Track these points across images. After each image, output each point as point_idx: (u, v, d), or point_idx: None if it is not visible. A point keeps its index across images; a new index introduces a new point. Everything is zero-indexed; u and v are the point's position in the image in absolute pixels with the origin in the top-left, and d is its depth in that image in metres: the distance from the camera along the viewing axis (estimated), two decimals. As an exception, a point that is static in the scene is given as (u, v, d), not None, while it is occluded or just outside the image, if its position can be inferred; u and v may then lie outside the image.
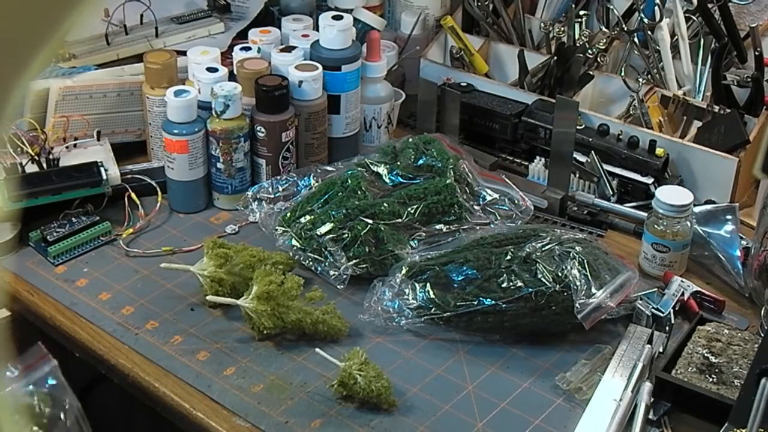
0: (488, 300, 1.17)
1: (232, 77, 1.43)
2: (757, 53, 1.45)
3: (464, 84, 1.58)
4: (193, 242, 1.35)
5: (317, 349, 1.13)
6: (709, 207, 1.34)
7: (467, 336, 1.20)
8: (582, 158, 1.45)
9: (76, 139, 1.44)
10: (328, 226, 1.28)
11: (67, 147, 1.43)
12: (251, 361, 1.16)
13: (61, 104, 1.44)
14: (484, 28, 1.68)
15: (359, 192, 1.32)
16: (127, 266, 1.32)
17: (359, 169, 1.36)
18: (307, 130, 1.44)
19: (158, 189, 1.41)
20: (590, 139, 1.46)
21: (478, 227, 1.33)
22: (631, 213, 1.41)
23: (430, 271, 1.22)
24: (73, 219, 1.36)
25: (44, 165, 1.39)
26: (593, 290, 1.17)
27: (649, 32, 1.53)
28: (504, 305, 1.17)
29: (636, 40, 1.54)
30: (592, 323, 1.16)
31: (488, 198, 1.37)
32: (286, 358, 1.16)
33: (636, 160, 1.43)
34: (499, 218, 1.36)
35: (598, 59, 1.57)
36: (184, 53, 1.48)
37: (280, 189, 1.39)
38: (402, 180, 1.36)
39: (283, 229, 1.31)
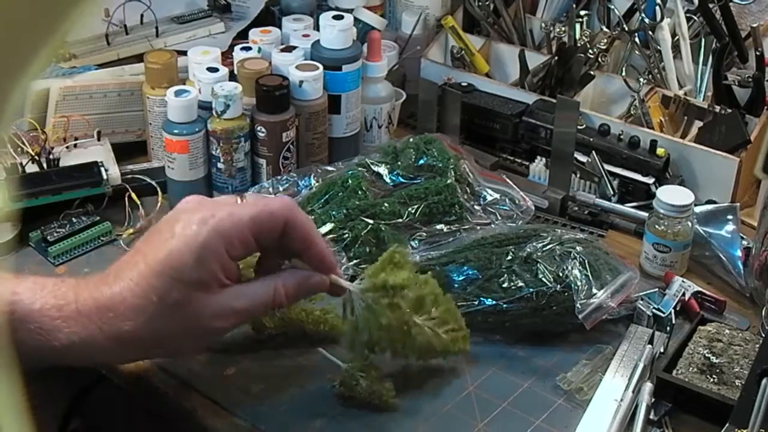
0: (489, 300, 1.17)
1: (232, 77, 1.42)
2: (758, 53, 1.45)
3: (465, 84, 1.57)
4: (193, 242, 1.35)
5: (320, 349, 1.13)
6: (710, 207, 1.34)
7: (468, 336, 1.20)
8: (583, 158, 1.45)
9: (76, 139, 1.44)
10: (328, 227, 1.28)
11: (67, 147, 1.42)
12: (251, 361, 1.16)
13: (61, 104, 1.43)
14: (485, 27, 1.68)
15: (360, 192, 1.32)
16: (127, 266, 1.31)
17: (360, 169, 1.36)
18: (307, 130, 1.44)
19: (158, 189, 1.40)
20: (591, 139, 1.46)
21: (478, 227, 1.33)
22: (631, 213, 1.41)
23: (431, 271, 1.21)
24: (73, 219, 1.35)
25: (44, 165, 1.38)
26: (594, 290, 1.16)
27: (650, 32, 1.53)
28: (505, 305, 1.16)
29: (637, 40, 1.54)
30: (593, 323, 1.16)
31: (489, 198, 1.37)
32: (287, 358, 1.16)
33: (637, 160, 1.43)
34: (499, 218, 1.35)
35: (599, 59, 1.56)
36: (184, 53, 1.48)
37: (281, 189, 1.39)
38: (403, 180, 1.36)
39: (284, 229, 1.31)
